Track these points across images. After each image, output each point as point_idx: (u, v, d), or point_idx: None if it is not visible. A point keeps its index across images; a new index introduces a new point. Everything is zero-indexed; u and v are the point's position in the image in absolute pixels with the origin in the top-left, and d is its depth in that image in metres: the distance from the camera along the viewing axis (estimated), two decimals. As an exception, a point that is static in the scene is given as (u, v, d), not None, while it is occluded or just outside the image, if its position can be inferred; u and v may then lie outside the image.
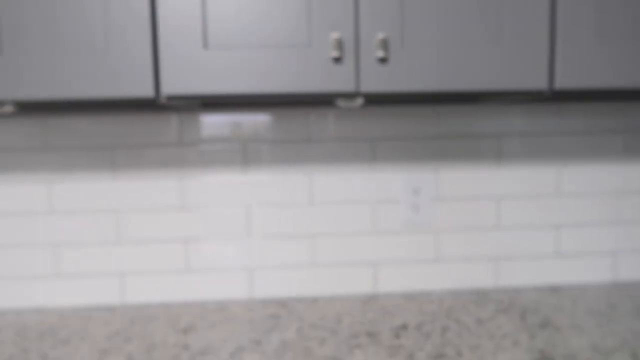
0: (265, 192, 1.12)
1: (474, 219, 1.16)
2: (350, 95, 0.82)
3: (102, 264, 1.11)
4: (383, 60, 0.79)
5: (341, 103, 0.96)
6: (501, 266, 1.17)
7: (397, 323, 0.97)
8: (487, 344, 0.87)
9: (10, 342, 0.93)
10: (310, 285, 1.14)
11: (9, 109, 0.94)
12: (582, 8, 0.81)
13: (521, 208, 1.16)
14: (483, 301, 1.08)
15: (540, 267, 1.18)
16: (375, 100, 1.04)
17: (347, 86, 0.79)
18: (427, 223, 1.15)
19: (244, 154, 1.11)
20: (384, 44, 0.78)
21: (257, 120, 1.10)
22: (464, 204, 1.15)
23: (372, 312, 1.04)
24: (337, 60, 0.79)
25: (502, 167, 1.15)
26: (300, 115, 1.11)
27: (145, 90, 0.78)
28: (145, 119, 1.09)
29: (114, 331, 0.97)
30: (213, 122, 1.10)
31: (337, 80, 0.79)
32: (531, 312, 1.01)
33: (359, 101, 0.92)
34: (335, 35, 0.77)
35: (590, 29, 0.81)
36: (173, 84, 0.79)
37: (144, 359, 0.84)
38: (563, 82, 0.82)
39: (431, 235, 1.15)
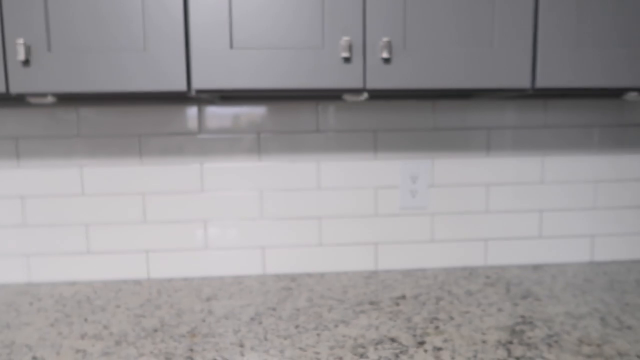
0: (276, 177, 1.23)
1: (465, 204, 1.28)
2: (357, 91, 0.93)
3: (129, 242, 1.22)
4: (387, 61, 0.91)
5: (348, 97, 1.08)
6: (489, 246, 1.29)
7: (396, 294, 1.10)
8: (475, 310, 0.99)
9: (52, 309, 1.04)
10: (317, 262, 1.26)
11: (50, 99, 1.04)
12: (561, 18, 0.92)
13: (508, 194, 1.28)
14: (473, 276, 1.21)
15: (525, 248, 1.30)
16: (379, 95, 1.16)
17: (355, 83, 0.91)
18: (423, 207, 1.27)
19: (257, 142, 1.22)
20: (388, 47, 0.90)
21: (270, 112, 1.21)
22: (457, 190, 1.27)
23: (373, 285, 1.16)
24: (347, 60, 0.90)
25: (491, 157, 1.27)
26: (310, 108, 1.22)
27: (178, 84, 0.89)
28: (169, 110, 1.20)
29: (144, 300, 1.08)
30: (230, 113, 1.21)
31: (346, 78, 0.91)
32: (515, 286, 1.14)
33: (364, 96, 1.04)
34: (345, 38, 0.89)
35: (568, 37, 0.93)
36: (202, 80, 0.90)
37: (175, 322, 0.96)
38: (543, 81, 0.94)
39: (427, 218, 1.27)
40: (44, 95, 0.92)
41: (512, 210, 1.29)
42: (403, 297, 1.08)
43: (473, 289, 1.12)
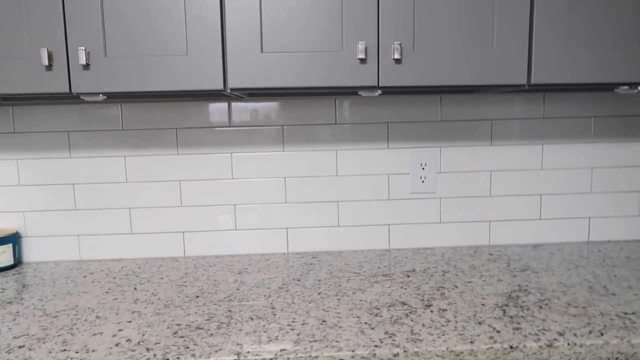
0: (298, 165, 1.37)
1: (470, 189, 1.40)
2: (372, 88, 1.06)
3: (167, 224, 1.37)
4: (398, 61, 1.03)
5: (363, 93, 1.20)
6: (493, 227, 1.41)
7: (406, 268, 1.23)
8: (477, 281, 1.12)
9: (104, 281, 1.19)
10: (336, 241, 1.40)
11: (100, 97, 1.19)
12: (554, 20, 1.04)
13: (510, 180, 1.40)
14: (477, 254, 1.34)
15: (525, 228, 1.42)
16: (391, 91, 1.28)
17: (370, 81, 1.04)
18: (432, 192, 1.39)
19: (281, 134, 1.36)
20: (399, 49, 1.02)
21: (292, 107, 1.35)
22: (462, 176, 1.40)
23: (386, 261, 1.29)
24: (363, 61, 1.03)
25: (494, 146, 1.39)
26: (328, 103, 1.35)
27: (216, 84, 1.03)
28: (202, 106, 1.34)
29: (182, 273, 1.23)
30: (256, 108, 1.34)
31: (362, 77, 1.04)
32: (515, 261, 1.26)
33: (378, 92, 1.16)
34: (361, 42, 1.01)
35: (561, 36, 1.04)
36: (236, 80, 1.03)
37: (213, 290, 1.10)
38: (537, 78, 1.05)
39: (435, 202, 1.40)
40: (97, 94, 1.06)
41: (513, 194, 1.41)
42: (413, 270, 1.21)
43: (477, 264, 1.25)
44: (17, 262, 1.33)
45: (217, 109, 1.34)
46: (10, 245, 1.29)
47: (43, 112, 1.32)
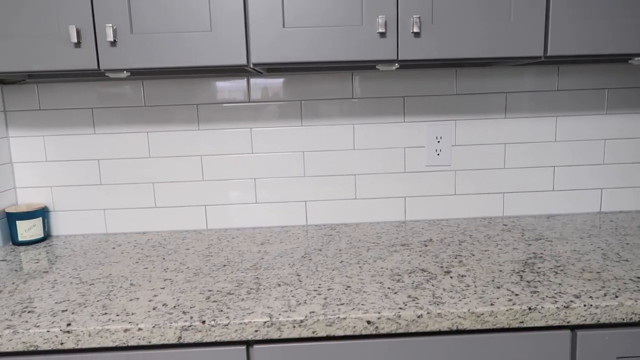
0: (317, 139, 1.40)
1: (484, 161, 1.43)
2: (390, 62, 1.08)
3: (190, 198, 1.41)
4: (417, 35, 1.05)
5: (381, 67, 1.22)
6: (507, 198, 1.45)
7: (424, 238, 1.27)
8: (493, 249, 1.16)
9: (133, 252, 1.24)
10: (353, 213, 1.44)
11: (125, 74, 1.21)
12: (570, -8, 1.05)
13: (523, 152, 1.43)
14: (491, 224, 1.37)
15: (539, 200, 1.45)
16: (408, 65, 1.30)
17: (390, 55, 1.06)
18: (447, 164, 1.42)
19: (299, 108, 1.38)
20: (418, 22, 1.04)
21: (310, 82, 1.37)
22: (477, 148, 1.42)
23: (403, 232, 1.33)
24: (382, 35, 1.05)
25: (509, 118, 1.41)
26: (346, 78, 1.37)
27: (240, 59, 1.05)
28: (221, 82, 1.36)
29: (207, 245, 1.27)
30: (275, 84, 1.37)
31: (381, 50, 1.06)
32: (529, 231, 1.30)
33: (395, 66, 1.18)
34: (381, 16, 1.03)
35: (577, 9, 1.06)
36: (259, 55, 1.06)
37: (238, 260, 1.15)
38: (554, 50, 1.07)
39: (450, 174, 1.43)
40: (122, 71, 1.09)
41: (527, 166, 1.44)
42: (430, 240, 1.25)
43: (492, 233, 1.29)
44: (47, 235, 1.38)
45: (236, 84, 1.37)
46: (40, 219, 1.34)
47: (67, 89, 1.35)
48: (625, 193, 1.46)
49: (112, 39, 1.02)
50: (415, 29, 1.04)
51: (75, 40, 1.02)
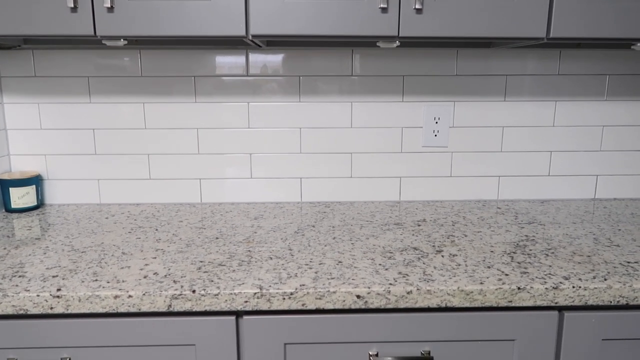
0: (314, 116, 1.39)
1: (481, 144, 1.42)
2: (391, 38, 1.07)
3: (185, 170, 1.41)
4: (419, 11, 1.04)
5: (382, 44, 1.21)
6: (502, 182, 1.45)
7: (417, 218, 1.27)
8: (486, 231, 1.16)
9: (126, 222, 1.24)
10: (348, 192, 1.43)
11: (121, 42, 1.20)
12: (576, -28, 1.03)
13: (521, 136, 1.42)
14: (486, 207, 1.37)
15: (534, 184, 1.45)
16: (408, 43, 1.29)
17: (391, 31, 1.04)
18: (444, 146, 1.42)
19: (298, 84, 1.37)
20: (420, -2, 1.03)
21: (310, 57, 1.36)
22: (475, 131, 1.42)
23: (397, 211, 1.33)
24: (384, 10, 1.03)
25: (508, 101, 1.40)
26: (345, 54, 1.36)
27: (239, 30, 1.04)
28: (219, 54, 1.35)
29: (201, 217, 1.27)
30: (274, 58, 1.35)
31: (383, 26, 1.04)
32: (522, 214, 1.30)
33: (396, 43, 1.17)
34: (383, -10, 1.02)
35: (581, -10, 1.04)
36: (258, 26, 1.04)
37: (231, 233, 1.15)
38: (557, 31, 1.06)
39: (447, 155, 1.43)
40: (119, 38, 1.08)
41: (524, 150, 1.43)
42: (424, 220, 1.25)
43: (485, 215, 1.29)
44: (40, 203, 1.38)
45: (235, 58, 1.35)
46: (33, 186, 1.34)
47: (63, 57, 1.33)
48: (620, 180, 1.47)
49: (109, 5, 1.00)
50: (418, 5, 1.03)
51: (71, 4, 1.00)
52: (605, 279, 0.88)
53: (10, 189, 1.30)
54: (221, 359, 0.87)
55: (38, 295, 0.82)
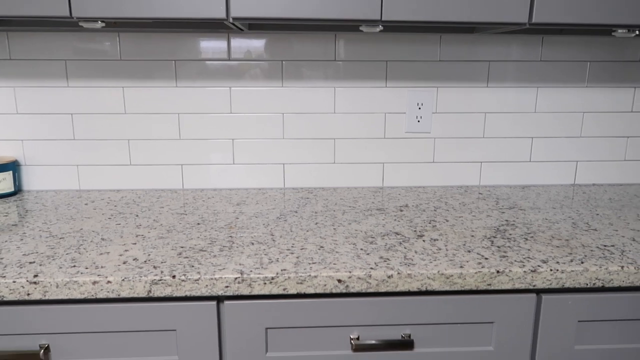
0: (297, 101, 1.38)
1: (464, 130, 1.43)
2: (374, 22, 1.06)
3: (166, 156, 1.39)
4: (401, -5, 1.03)
5: (365, 29, 1.20)
6: (484, 168, 1.46)
7: (400, 203, 1.27)
8: (467, 216, 1.17)
9: (106, 208, 1.22)
10: (331, 178, 1.43)
11: (99, 24, 1.17)
12: (558, -43, 1.03)
13: (504, 122, 1.43)
14: (467, 193, 1.38)
15: (515, 170, 1.47)
16: (391, 28, 1.28)
17: (373, 15, 1.04)
18: (427, 131, 1.42)
19: (280, 69, 1.36)
20: (403, -18, 1.02)
21: (292, 42, 1.34)
22: (457, 117, 1.42)
23: (380, 197, 1.33)
24: (366, -7, 1.02)
25: (491, 87, 1.41)
26: (328, 39, 1.35)
27: (219, 13, 1.02)
28: (201, 38, 1.33)
29: (182, 203, 1.26)
30: (256, 42, 1.34)
31: (365, 10, 1.03)
32: (503, 200, 1.31)
33: (379, 28, 1.16)
34: (366, -27, 1.00)
35: (563, -25, 1.04)
36: (239, 9, 1.02)
37: (213, 219, 1.14)
38: (539, 17, 1.06)
39: (429, 141, 1.43)
40: (96, 20, 1.05)
41: (506, 136, 1.44)
42: (406, 205, 1.25)
43: (467, 201, 1.30)
44: (18, 189, 1.35)
45: (216, 42, 1.33)
46: (10, 172, 1.31)
47: (40, 40, 1.30)
48: (600, 166, 1.49)
49: (84, -15, 0.98)
50: (400, -11, 1.02)
51: (45, -16, 0.97)
52: (582, 262, 0.90)
53: (-14, 174, 1.28)
54: (202, 344, 0.87)
55: (14, 282, 0.81)
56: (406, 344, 0.89)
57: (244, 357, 0.88)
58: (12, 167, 1.32)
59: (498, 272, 0.86)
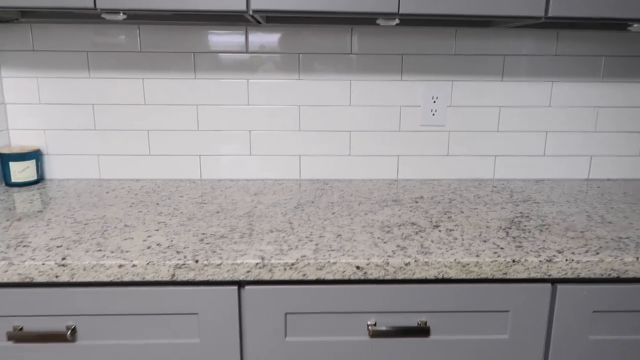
0: (313, 94, 1.40)
1: (478, 124, 1.44)
2: (391, 15, 1.07)
3: (184, 147, 1.41)
4: (420, -12, 1.04)
5: (381, 22, 1.21)
6: (498, 161, 1.47)
7: (415, 195, 1.29)
8: (482, 208, 1.18)
9: (127, 196, 1.25)
10: (346, 170, 1.45)
11: (121, 16, 1.19)
12: (576, -49, 1.04)
13: (517, 116, 1.44)
14: (482, 186, 1.39)
15: (530, 164, 1.48)
16: (408, 21, 1.29)
17: (390, 7, 1.05)
18: (441, 125, 1.43)
19: (297, 62, 1.38)
20: (422, -25, 1.03)
21: (309, 35, 1.36)
22: (472, 110, 1.43)
23: (395, 189, 1.35)
24: (385, -14, 1.04)
25: (505, 82, 1.42)
26: (345, 32, 1.36)
27: (239, 5, 1.04)
28: (219, 31, 1.35)
29: (201, 193, 1.29)
30: (273, 35, 1.36)
31: (383, 3, 1.05)
32: (518, 193, 1.32)
33: (396, 21, 1.17)
34: (385, -33, 1.02)
35: (581, -31, 1.05)
36: (259, 1, 1.04)
37: (232, 208, 1.16)
38: (555, 11, 1.07)
39: (444, 135, 1.44)
40: (118, 12, 1.07)
41: (520, 130, 1.45)
42: (421, 197, 1.27)
43: (481, 194, 1.31)
44: (40, 178, 1.38)
45: (234, 35, 1.35)
46: (33, 161, 1.34)
47: (62, 32, 1.33)
48: (614, 161, 1.49)
49: (110, -23, 1.00)
50: (418, -18, 1.03)
51: (72, -24, 1.00)
52: (598, 253, 0.91)
53: (10, 163, 1.31)
54: (223, 328, 0.89)
55: (43, 264, 0.84)
56: (422, 330, 0.91)
57: (263, 341, 0.91)
58: (35, 156, 1.35)
59: (514, 261, 0.88)
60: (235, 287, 0.88)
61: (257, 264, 0.85)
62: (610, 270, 0.89)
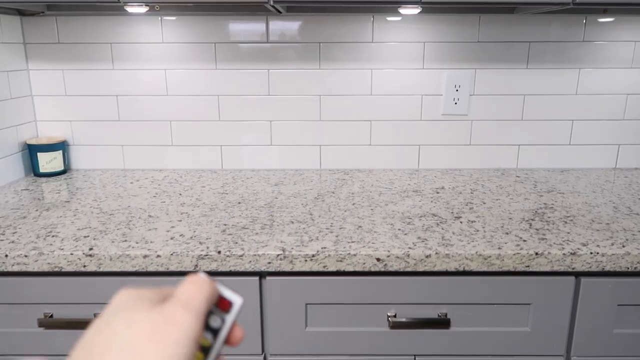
0: (334, 83, 1.39)
1: (502, 112, 1.42)
2: (414, 3, 1.06)
3: (206, 137, 1.43)
4: (442, -25, 1.02)
5: (403, 10, 1.20)
6: (522, 150, 1.44)
7: (436, 186, 1.28)
8: (504, 199, 1.17)
9: (150, 187, 1.27)
10: (367, 160, 1.45)
11: (144, 8, 1.20)
12: None
13: (542, 104, 1.41)
14: (505, 175, 1.38)
15: (555, 153, 1.45)
16: (430, 9, 1.27)
17: (413, -4, 1.04)
18: (464, 114, 1.41)
19: (318, 51, 1.37)
20: (444, -38, 1.01)
21: (330, 24, 1.35)
22: (495, 99, 1.41)
23: (416, 179, 1.34)
24: (407, -26, 1.02)
25: (530, 69, 1.39)
26: (366, 21, 1.35)
27: (260, -5, 1.04)
28: (240, 21, 1.35)
29: (223, 183, 1.30)
30: (294, 25, 1.35)
31: (405, -9, 1.03)
32: (542, 183, 1.30)
33: (418, 9, 1.16)
34: (407, -46, 1.00)
35: (610, -48, 1.02)
36: (280, -9, 1.04)
37: (253, 198, 1.17)
38: (583, -4, 1.04)
39: (466, 124, 1.42)
40: (141, 4, 1.08)
41: (545, 118, 1.42)
42: (442, 188, 1.26)
43: (504, 184, 1.29)
44: (67, 168, 1.42)
45: (255, 24, 1.35)
46: (60, 152, 1.37)
47: (86, 24, 1.35)
48: (643, 150, 1.45)
49: (131, -30, 1.01)
50: (441, -30, 1.01)
51: (95, -30, 1.01)
52: (624, 246, 0.89)
53: (38, 154, 1.34)
54: (245, 318, 0.91)
55: (72, 254, 0.86)
56: (442, 322, 0.91)
57: (284, 331, 0.92)
58: (62, 146, 1.38)
59: (537, 254, 0.87)
60: (257, 278, 0.89)
61: (278, 255, 0.86)
62: (636, 264, 0.87)
